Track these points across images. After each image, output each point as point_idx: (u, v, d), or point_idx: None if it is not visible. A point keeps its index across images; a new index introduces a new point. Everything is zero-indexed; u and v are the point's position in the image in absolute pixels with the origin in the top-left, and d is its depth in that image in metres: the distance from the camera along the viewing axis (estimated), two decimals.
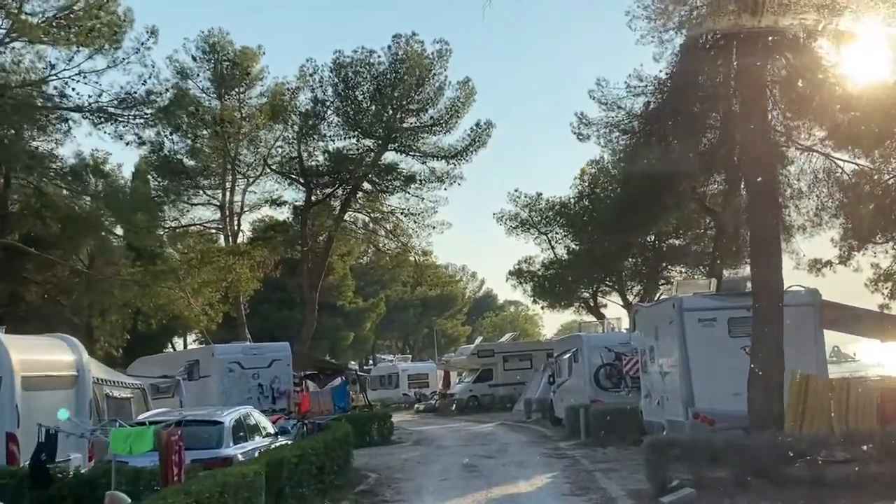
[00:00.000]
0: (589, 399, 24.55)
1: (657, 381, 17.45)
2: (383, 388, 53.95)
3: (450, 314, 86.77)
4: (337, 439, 14.77)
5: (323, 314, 67.68)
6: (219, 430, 11.49)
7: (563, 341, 28.66)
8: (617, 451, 19.04)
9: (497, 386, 43.13)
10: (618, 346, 24.78)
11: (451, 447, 23.05)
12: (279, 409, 24.81)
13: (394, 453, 21.63)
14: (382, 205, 38.08)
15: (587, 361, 24.90)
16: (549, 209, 42.77)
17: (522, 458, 18.96)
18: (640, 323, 19.24)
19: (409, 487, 14.97)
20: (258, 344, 27.35)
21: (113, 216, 36.73)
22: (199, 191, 42.86)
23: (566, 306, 47.22)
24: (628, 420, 21.09)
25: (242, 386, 25.09)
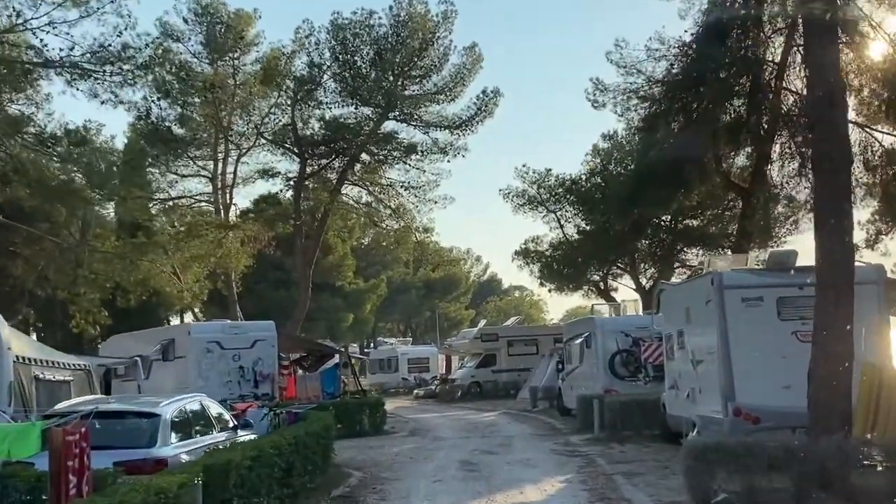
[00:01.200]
0: (602, 388, 22.26)
1: (687, 370, 15.11)
2: (382, 373, 51.86)
3: (453, 297, 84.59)
4: (311, 434, 12.48)
5: (322, 294, 65.56)
6: (153, 425, 9.17)
7: (574, 325, 26.33)
8: (636, 450, 16.76)
9: (501, 372, 40.97)
10: (635, 330, 22.46)
11: (449, 439, 20.80)
12: (262, 395, 22.60)
13: (385, 446, 19.37)
14: (381, 177, 35.66)
15: (601, 347, 22.58)
16: (558, 186, 40.35)
17: (529, 456, 16.68)
18: (666, 304, 16.89)
19: (396, 491, 12.68)
20: (240, 322, 25.11)
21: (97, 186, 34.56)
22: (190, 161, 40.55)
23: (574, 289, 44.89)
24: (648, 414, 18.89)
25: (222, 368, 22.84)
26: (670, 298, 16.58)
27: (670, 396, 16.78)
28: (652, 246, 40.94)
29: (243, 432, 11.87)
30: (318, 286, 65.40)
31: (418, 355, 51.94)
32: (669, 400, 16.86)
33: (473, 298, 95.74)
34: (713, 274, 13.35)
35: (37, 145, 30.00)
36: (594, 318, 23.74)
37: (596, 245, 39.06)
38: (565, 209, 40.81)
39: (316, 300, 64.53)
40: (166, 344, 23.34)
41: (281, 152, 36.67)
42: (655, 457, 15.45)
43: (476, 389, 40.75)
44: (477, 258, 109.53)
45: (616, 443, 18.09)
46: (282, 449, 10.52)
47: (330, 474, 13.88)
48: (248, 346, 23.28)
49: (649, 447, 17.01)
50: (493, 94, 35.07)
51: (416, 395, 44.47)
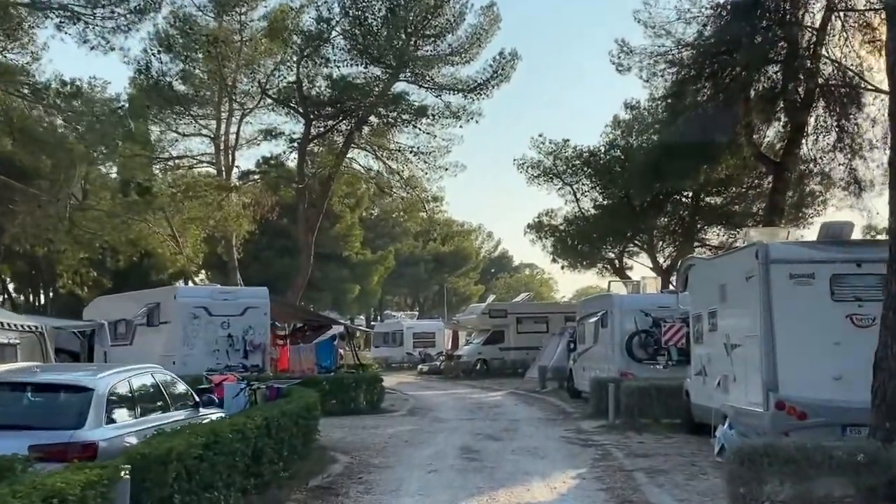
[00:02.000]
0: (618, 371, 20.60)
1: (718, 355, 13.40)
2: (386, 346, 50.38)
3: (462, 272, 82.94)
4: (289, 414, 10.86)
5: (328, 264, 64.03)
6: (83, 402, 7.52)
7: (590, 302, 24.63)
8: (656, 441, 15.10)
9: (508, 349, 39.40)
10: (656, 309, 20.74)
11: (450, 421, 19.19)
12: (251, 366, 21.11)
13: (380, 426, 17.78)
14: (390, 142, 33.84)
15: (618, 327, 20.87)
16: (575, 157, 38.45)
17: (537, 444, 15.04)
18: (695, 280, 15.14)
19: (384, 482, 11.07)
20: (230, 288, 23.50)
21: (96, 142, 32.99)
22: (192, 120, 38.88)
23: (588, 266, 43.12)
24: (668, 401, 17.24)
25: (209, 336, 21.34)
26: (701, 274, 14.82)
27: (696, 384, 15.09)
28: (671, 223, 39.11)
29: (208, 410, 10.25)
30: (324, 256, 63.90)
31: (424, 330, 50.36)
32: (695, 387, 15.17)
33: (483, 274, 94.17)
34: (758, 245, 11.57)
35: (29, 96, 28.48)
36: (612, 296, 22.00)
37: (613, 220, 37.29)
38: (582, 182, 38.97)
39: (322, 270, 63.05)
40: (151, 308, 21.82)
41: (286, 112, 34.93)
42: (679, 451, 13.78)
43: (482, 367, 39.23)
44: (488, 234, 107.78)
45: (633, 432, 16.44)
46: (246, 433, 8.89)
47: (311, 459, 12.27)
48: (239, 313, 21.74)
49: (671, 439, 15.35)
50: (511, 57, 33.18)
51: (420, 371, 42.96)
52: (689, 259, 15.73)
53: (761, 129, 27.26)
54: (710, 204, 38.40)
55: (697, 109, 26.33)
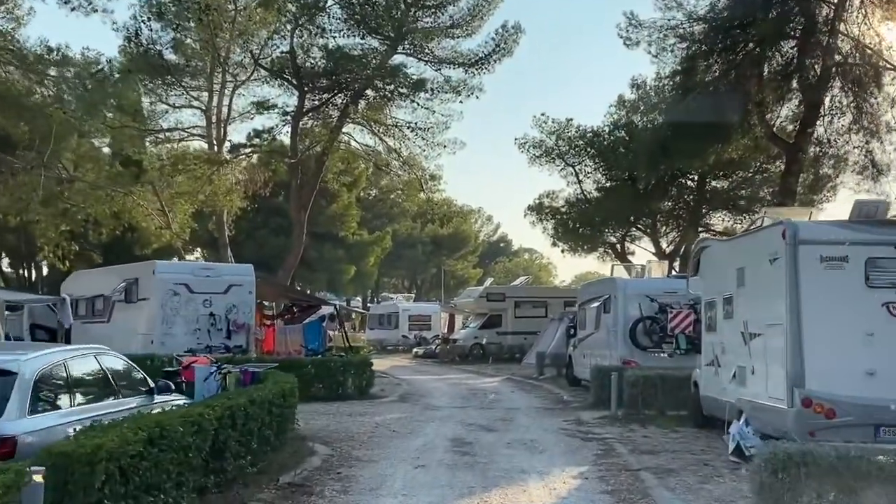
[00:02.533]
0: (620, 359, 19.51)
1: (734, 344, 12.29)
2: (381, 328, 49.38)
3: (460, 255, 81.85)
4: (258, 402, 9.75)
5: (324, 244, 62.88)
6: (2, 388, 6.41)
7: (592, 286, 23.49)
8: (662, 435, 14.02)
9: (506, 334, 38.33)
10: (662, 294, 19.61)
11: (442, 409, 18.11)
12: (234, 347, 20.02)
13: (367, 413, 16.69)
14: (387, 117, 32.56)
15: (622, 312, 19.74)
16: (579, 137, 37.28)
17: (535, 436, 13.95)
18: (709, 263, 14.00)
19: (365, 480, 9.98)
20: (213, 264, 22.35)
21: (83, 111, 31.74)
22: (183, 91, 37.52)
23: (589, 250, 42.00)
24: (674, 392, 16.20)
25: (189, 314, 20.23)
26: (716, 257, 13.68)
27: (707, 375, 13.98)
28: (676, 207, 37.97)
29: (165, 398, 9.13)
30: (319, 235, 62.76)
31: (420, 312, 49.31)
32: (705, 379, 14.07)
33: (482, 258, 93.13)
34: (785, 224, 10.42)
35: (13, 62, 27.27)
36: (615, 280, 20.85)
37: (616, 203, 36.12)
38: (585, 163, 37.80)
39: (317, 250, 61.97)
40: (130, 283, 20.69)
41: (279, 84, 33.62)
42: (688, 447, 12.69)
43: (478, 351, 38.19)
44: (488, 217, 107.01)
45: (636, 424, 15.37)
46: (203, 424, 7.77)
47: (287, 452, 11.17)
48: (222, 290, 20.63)
49: (677, 433, 14.26)
50: (514, 31, 31.88)
51: (415, 354, 41.98)
52: (702, 241, 14.59)
53: (774, 108, 26.12)
54: (716, 188, 37.33)
55: (708, 87, 25.19)
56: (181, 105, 38.23)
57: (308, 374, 18.62)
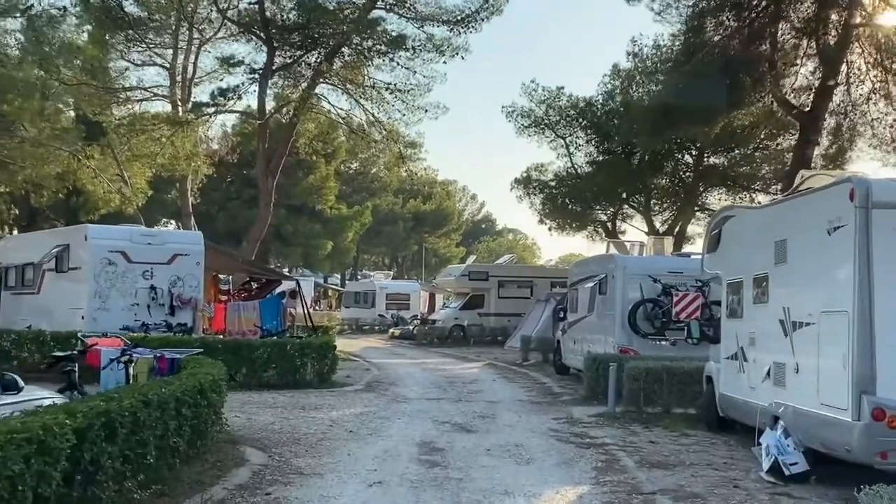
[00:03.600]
0: (616, 347, 17.23)
1: (769, 335, 9.98)
2: (357, 307, 46.99)
3: (443, 232, 79.37)
4: (160, 402, 7.32)
5: (299, 218, 60.20)
6: None
7: (586, 264, 21.11)
8: (672, 440, 11.76)
9: (488, 315, 36.06)
10: (666, 274, 17.29)
11: (413, 401, 15.72)
12: (177, 325, 17.52)
13: (324, 406, 14.28)
14: (364, 77, 29.91)
15: (620, 294, 17.38)
16: (570, 107, 34.89)
17: (520, 439, 11.60)
18: (733, 236, 11.63)
19: (301, 502, 7.59)
20: (156, 230, 19.79)
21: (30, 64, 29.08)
22: (145, 47, 34.67)
23: (578, 229, 39.60)
24: (681, 387, 13.94)
25: (126, 287, 17.73)
26: (744, 228, 11.31)
27: (728, 370, 11.67)
28: (672, 184, 35.65)
29: (9, 399, 6.67)
30: (295, 208, 60.16)
31: (398, 291, 46.92)
32: (726, 375, 11.76)
33: (465, 237, 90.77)
34: (854, 182, 8.04)
35: None
36: (614, 256, 18.43)
37: (608, 178, 33.82)
38: (576, 135, 35.45)
39: (293, 224, 59.36)
40: (60, 250, 18.10)
41: (247, 39, 30.87)
42: (706, 458, 10.43)
43: (459, 333, 35.88)
44: (472, 196, 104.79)
45: (639, 425, 13.11)
46: (49, 442, 5.33)
47: (207, 462, 8.76)
48: (165, 261, 18.13)
49: (689, 437, 12.00)
50: None
51: (391, 335, 39.59)
52: (726, 209, 12.19)
53: (789, 72, 23.70)
54: (714, 165, 35.01)
55: (717, 48, 22.78)
56: (144, 63, 35.49)
57: (260, 358, 16.23)
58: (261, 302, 19.99)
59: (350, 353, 27.97)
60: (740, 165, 34.83)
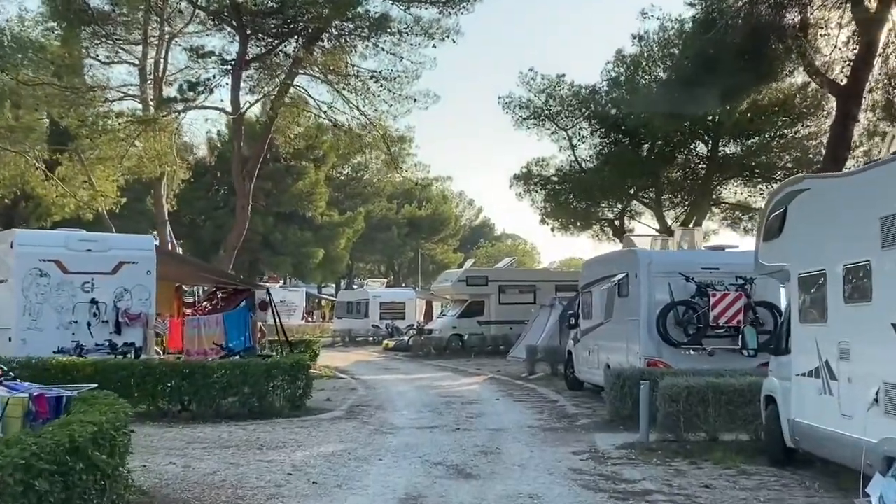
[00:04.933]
0: (643, 358, 14.54)
1: (874, 345, 7.32)
2: (350, 317, 44.23)
3: (440, 238, 76.75)
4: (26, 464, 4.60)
5: (289, 226, 57.48)
6: None
7: (600, 262, 18.39)
8: (730, 480, 9.21)
9: (489, 324, 33.44)
10: (699, 271, 14.61)
11: (401, 431, 12.99)
12: (124, 345, 14.82)
13: (289, 443, 11.54)
14: (346, 65, 27.24)
15: (646, 296, 14.69)
16: (572, 96, 32.19)
17: (535, 487, 8.89)
18: (808, 215, 8.97)
19: None
20: (97, 234, 17.05)
21: None
22: (112, 44, 32.04)
23: (583, 228, 36.93)
24: (733, 410, 11.26)
25: (62, 302, 15.01)
26: (827, 204, 8.62)
27: (805, 391, 8.98)
28: (685, 177, 32.99)
29: None
30: (284, 216, 57.51)
31: (392, 299, 44.14)
32: (802, 397, 9.08)
33: (463, 243, 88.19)
34: None
35: None
36: (637, 252, 15.68)
37: (616, 171, 31.18)
38: (579, 125, 32.74)
39: (282, 232, 56.67)
40: None
41: (218, 29, 28.22)
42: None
43: (457, 343, 33.20)
44: (469, 201, 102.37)
45: (682, 459, 10.46)
46: None
47: None
48: (109, 270, 15.42)
49: (750, 477, 9.37)
50: None
51: (385, 347, 36.87)
52: (792, 182, 9.50)
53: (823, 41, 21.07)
54: (730, 154, 32.33)
55: (741, 13, 20.15)
56: (112, 61, 32.88)
57: (218, 383, 13.53)
58: (225, 315, 17.23)
59: (337, 369, 25.36)
60: (758, 155, 32.17)
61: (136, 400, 13.38)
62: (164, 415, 13.44)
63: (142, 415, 13.25)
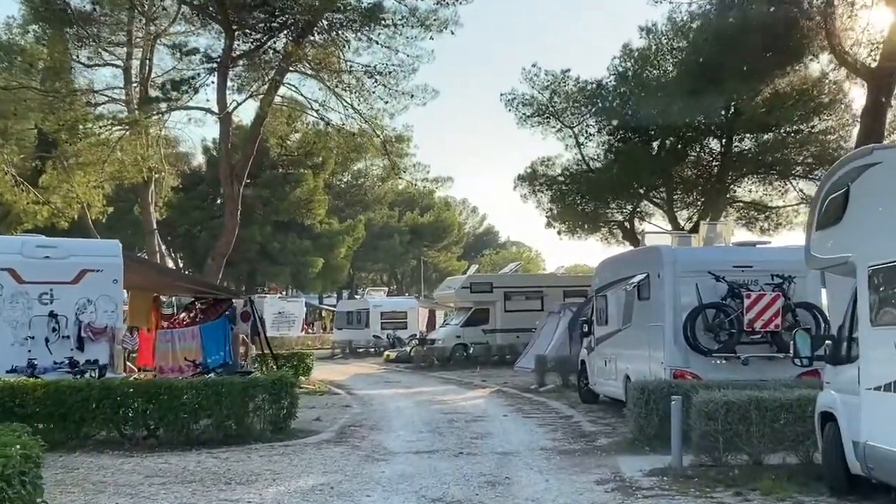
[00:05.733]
0: (667, 368, 12.92)
1: None
2: (350, 328, 42.58)
3: (443, 246, 75.13)
4: None
5: (287, 234, 55.88)
6: None
7: (617, 263, 16.75)
8: None
9: (494, 332, 31.89)
10: (731, 270, 12.98)
11: (396, 457, 11.36)
12: (86, 362, 13.25)
13: (262, 476, 9.87)
14: (338, 59, 25.71)
15: (670, 298, 13.06)
16: (578, 92, 30.61)
17: None
18: (877, 196, 7.39)
19: None
20: (56, 240, 15.45)
21: None
22: (95, 45, 30.64)
23: (591, 231, 35.22)
24: (781, 429, 9.67)
25: (16, 316, 13.46)
26: None
27: (882, 408, 7.35)
28: (699, 175, 31.37)
29: None
30: (282, 224, 55.91)
31: (394, 308, 42.46)
32: (878, 416, 7.44)
33: (467, 251, 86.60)
34: None
35: None
36: (660, 249, 13.97)
37: (626, 170, 29.55)
38: (586, 123, 31.15)
39: (281, 241, 55.06)
40: None
41: (203, 25, 26.72)
42: None
43: (461, 354, 31.59)
44: (473, 209, 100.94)
45: (725, 489, 8.88)
46: None
47: None
48: (70, 279, 13.85)
49: None
50: None
51: (386, 358, 35.22)
52: (855, 157, 7.91)
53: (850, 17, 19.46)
54: (744, 151, 30.71)
55: None
56: (95, 63, 31.50)
57: (188, 405, 11.93)
58: (202, 328, 15.62)
59: (333, 384, 23.77)
60: (774, 151, 30.54)
61: (97, 425, 11.88)
62: (128, 442, 11.84)
63: (102, 443, 11.74)
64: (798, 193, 30.44)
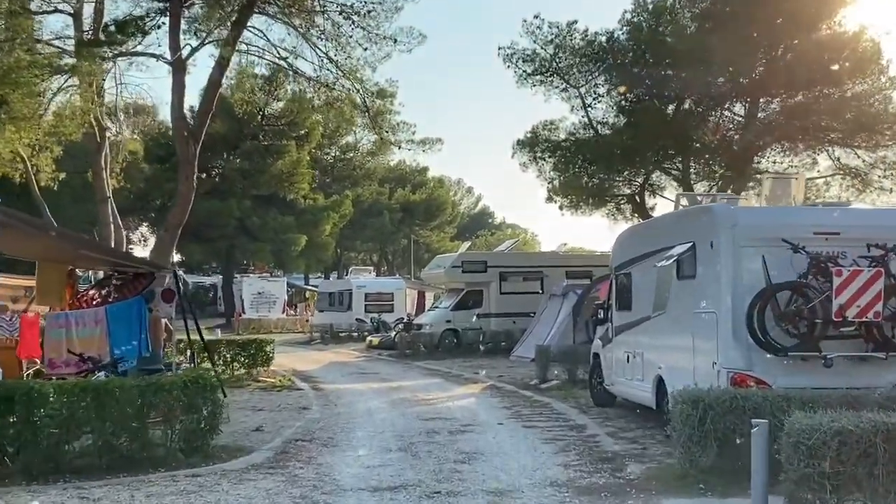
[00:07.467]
0: (724, 372, 9.47)
1: None
2: (332, 310, 39.20)
3: (435, 225, 71.61)
4: None
5: (268, 210, 52.20)
6: None
7: (647, 232, 13.26)
8: None
9: (488, 317, 28.61)
10: (811, 237, 9.51)
11: (346, 496, 7.93)
12: None
13: None
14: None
15: (729, 276, 9.54)
16: (586, 46, 27.08)
17: None
18: None
19: None
20: None
21: None
22: None
23: (596, 206, 31.57)
24: None
25: None
26: None
27: None
28: (719, 143, 27.90)
29: None
30: (262, 199, 52.26)
31: (379, 290, 39.06)
32: None
33: (461, 231, 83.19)
34: None
35: None
36: (713, 210, 10.28)
37: (639, 134, 26.11)
38: (594, 82, 27.64)
39: (261, 216, 51.48)
40: None
41: None
42: None
43: (451, 340, 28.27)
44: (468, 189, 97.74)
45: None
46: None
47: None
48: None
49: None
50: None
51: (369, 344, 31.89)
52: None
53: None
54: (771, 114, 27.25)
55: None
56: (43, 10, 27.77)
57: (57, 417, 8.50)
58: (108, 309, 12.10)
59: (301, 375, 20.44)
60: (805, 117, 27.09)
61: None
62: None
63: None
64: (834, 163, 27.04)
